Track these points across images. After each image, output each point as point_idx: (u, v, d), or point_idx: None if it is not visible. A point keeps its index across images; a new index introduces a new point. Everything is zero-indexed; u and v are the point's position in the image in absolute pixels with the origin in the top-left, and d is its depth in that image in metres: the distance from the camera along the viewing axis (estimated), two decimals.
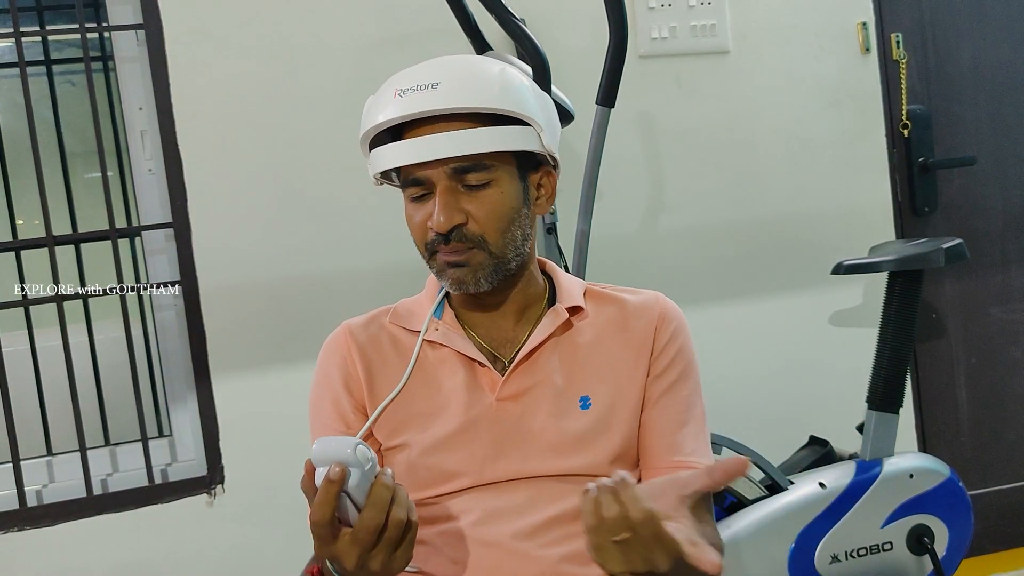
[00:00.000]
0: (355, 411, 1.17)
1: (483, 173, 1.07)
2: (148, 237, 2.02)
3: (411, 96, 1.05)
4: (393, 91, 1.06)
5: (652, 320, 1.18)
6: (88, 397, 2.12)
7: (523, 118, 1.07)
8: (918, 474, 1.86)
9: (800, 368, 2.33)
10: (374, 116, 1.08)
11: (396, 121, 1.06)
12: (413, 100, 1.04)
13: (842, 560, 1.80)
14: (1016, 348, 2.55)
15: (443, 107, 1.04)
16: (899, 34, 2.42)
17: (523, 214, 1.12)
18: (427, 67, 1.07)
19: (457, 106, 1.04)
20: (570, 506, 1.09)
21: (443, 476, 1.11)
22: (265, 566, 1.98)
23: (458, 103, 1.04)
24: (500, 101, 1.05)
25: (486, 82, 1.06)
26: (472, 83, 1.05)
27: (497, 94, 1.05)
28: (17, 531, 1.88)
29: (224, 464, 1.98)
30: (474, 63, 1.10)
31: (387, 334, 1.20)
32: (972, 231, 2.47)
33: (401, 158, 1.07)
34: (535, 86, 1.12)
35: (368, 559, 0.90)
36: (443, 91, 1.04)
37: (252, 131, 2.00)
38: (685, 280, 2.23)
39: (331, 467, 0.86)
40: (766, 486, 1.84)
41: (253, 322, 1.99)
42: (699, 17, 2.25)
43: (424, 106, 1.04)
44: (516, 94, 1.07)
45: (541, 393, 1.13)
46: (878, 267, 1.94)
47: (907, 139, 2.43)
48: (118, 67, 2.02)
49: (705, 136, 2.28)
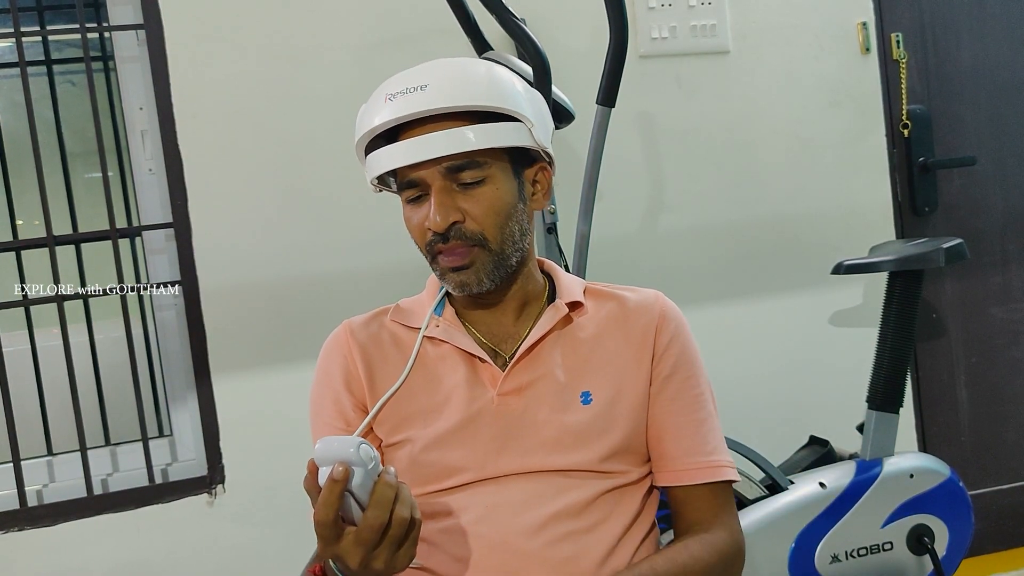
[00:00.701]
0: (355, 410, 1.17)
1: (477, 171, 1.08)
2: (148, 237, 2.02)
3: (401, 99, 1.07)
4: (384, 96, 1.09)
5: (652, 320, 1.19)
6: (88, 397, 2.12)
7: (513, 114, 1.09)
8: (918, 474, 1.86)
9: (800, 368, 2.33)
10: (368, 122, 1.10)
11: (389, 124, 1.08)
12: (404, 103, 1.07)
13: (842, 560, 1.80)
14: (1016, 348, 2.55)
15: (433, 107, 1.06)
16: (899, 34, 2.42)
17: (519, 210, 1.13)
18: (416, 71, 1.10)
19: (446, 105, 1.06)
20: (572, 501, 1.09)
21: (445, 471, 1.12)
22: (265, 566, 1.98)
23: (447, 102, 1.06)
24: (488, 98, 1.07)
25: (474, 80, 1.08)
26: (460, 82, 1.07)
27: (485, 91, 1.07)
28: (17, 531, 1.88)
29: (224, 464, 1.98)
30: (462, 64, 1.12)
31: (388, 332, 1.21)
32: (972, 231, 2.47)
33: (395, 160, 1.08)
34: (524, 83, 1.14)
35: (372, 558, 0.90)
36: (432, 92, 1.06)
37: (252, 131, 2.00)
38: (685, 280, 2.23)
39: (334, 466, 0.87)
40: (766, 486, 1.84)
41: (253, 322, 1.99)
42: (699, 17, 2.25)
43: (414, 107, 1.06)
44: (504, 91, 1.09)
45: (542, 388, 1.13)
46: (878, 267, 1.94)
47: (907, 139, 2.43)
48: (118, 67, 2.02)
49: (705, 136, 2.28)
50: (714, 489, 1.17)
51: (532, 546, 1.07)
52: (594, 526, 1.10)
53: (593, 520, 1.10)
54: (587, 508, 1.10)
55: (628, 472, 1.15)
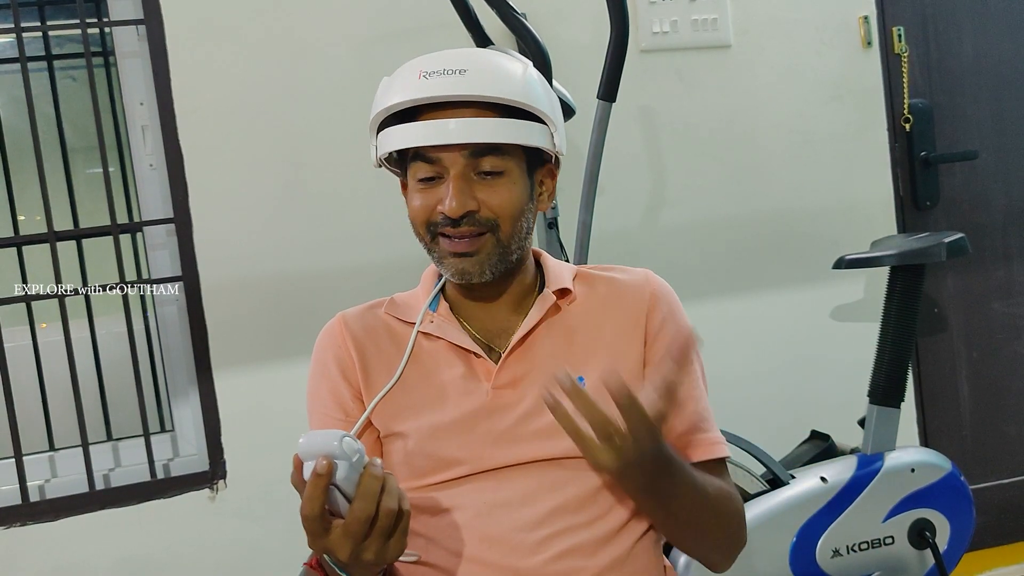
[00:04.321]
0: (354, 400, 1.17)
1: (499, 159, 1.09)
2: (149, 232, 2.02)
3: (437, 79, 1.06)
4: (418, 72, 1.08)
5: (643, 300, 1.18)
6: (90, 392, 2.13)
7: (541, 115, 1.10)
8: (919, 468, 1.86)
9: (801, 362, 2.33)
10: (395, 95, 1.09)
11: (423, 101, 1.07)
12: (440, 83, 1.06)
13: (843, 554, 1.81)
14: (1018, 342, 2.54)
15: (470, 94, 1.06)
16: (901, 28, 2.41)
17: (529, 208, 1.14)
18: (453, 54, 1.09)
19: (484, 94, 1.06)
20: (571, 495, 1.09)
21: (441, 464, 1.12)
22: (267, 560, 1.98)
23: (485, 91, 1.06)
24: (522, 95, 1.08)
25: (511, 76, 1.09)
26: (498, 75, 1.08)
27: (521, 88, 1.08)
28: (20, 526, 1.89)
29: (226, 459, 1.98)
30: (498, 57, 1.12)
31: (382, 324, 1.21)
32: (974, 225, 2.47)
33: (420, 138, 1.08)
34: (548, 87, 1.14)
35: (361, 550, 0.90)
36: (470, 78, 1.06)
37: (253, 126, 1.99)
38: (686, 274, 2.23)
39: (317, 460, 0.87)
40: (767, 480, 1.84)
41: (255, 317, 1.99)
42: (700, 11, 2.25)
43: (452, 90, 1.06)
44: (536, 91, 1.10)
45: (537, 378, 1.13)
46: (880, 261, 1.94)
47: (909, 133, 2.43)
48: (119, 62, 2.02)
49: (706, 130, 2.27)
50: (711, 465, 1.16)
51: (531, 541, 1.07)
52: (593, 520, 1.09)
53: (592, 514, 1.10)
54: (586, 502, 1.10)
55: None
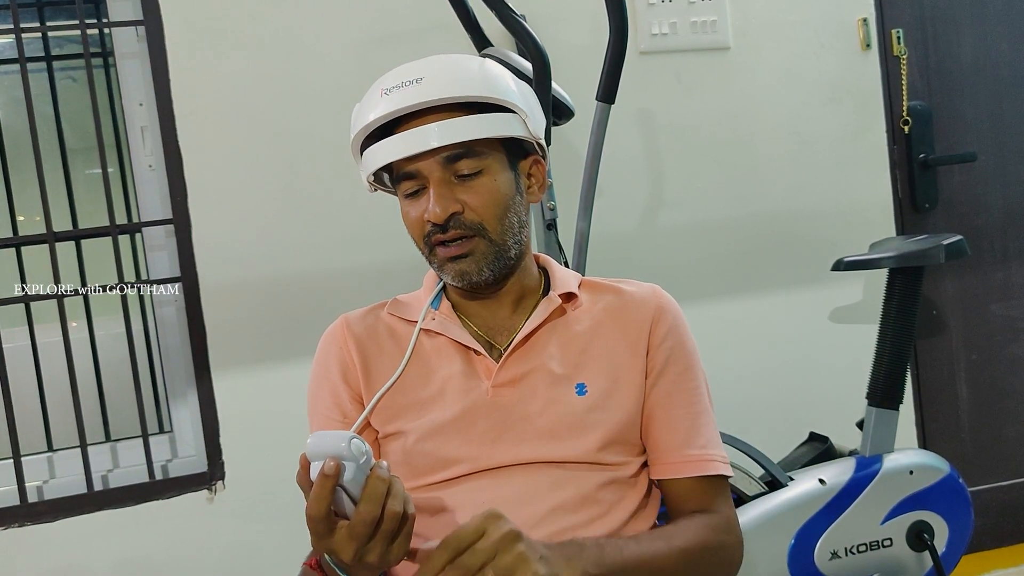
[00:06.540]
0: (352, 402, 1.18)
1: (474, 160, 1.10)
2: (148, 233, 2.02)
3: (397, 93, 1.08)
4: (379, 92, 1.10)
5: (649, 313, 1.19)
6: (89, 393, 2.12)
7: (507, 105, 1.11)
8: (918, 470, 1.86)
9: (800, 364, 2.33)
10: (364, 117, 1.11)
11: (386, 119, 1.09)
12: (400, 96, 1.08)
13: (842, 556, 1.80)
14: (1016, 345, 2.55)
15: (428, 99, 1.07)
16: (900, 30, 2.41)
17: (517, 202, 1.14)
18: (411, 66, 1.11)
19: (441, 96, 1.07)
20: (570, 496, 1.10)
21: (440, 463, 1.12)
22: (265, 562, 1.98)
23: (442, 93, 1.07)
24: (482, 89, 1.09)
25: (467, 73, 1.10)
26: (453, 75, 1.09)
27: (479, 83, 1.09)
28: (18, 527, 1.88)
29: (224, 460, 1.98)
30: (454, 58, 1.13)
31: (384, 325, 1.22)
32: (973, 227, 2.47)
33: (393, 153, 1.10)
34: (515, 77, 1.15)
35: (365, 552, 0.91)
36: (426, 85, 1.08)
37: (252, 127, 1.99)
38: (685, 277, 2.23)
39: (326, 461, 0.87)
40: (766, 482, 1.84)
41: (253, 318, 1.99)
42: (699, 13, 2.25)
43: (410, 100, 1.07)
44: (496, 83, 1.11)
45: (537, 379, 1.14)
46: (878, 264, 1.94)
47: (907, 135, 2.43)
48: (118, 63, 2.02)
49: (705, 132, 2.27)
50: (706, 482, 1.17)
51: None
52: (592, 520, 1.10)
53: (591, 515, 1.10)
54: (585, 502, 1.10)
55: (626, 464, 1.15)
